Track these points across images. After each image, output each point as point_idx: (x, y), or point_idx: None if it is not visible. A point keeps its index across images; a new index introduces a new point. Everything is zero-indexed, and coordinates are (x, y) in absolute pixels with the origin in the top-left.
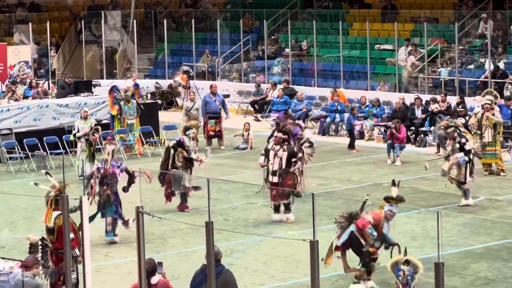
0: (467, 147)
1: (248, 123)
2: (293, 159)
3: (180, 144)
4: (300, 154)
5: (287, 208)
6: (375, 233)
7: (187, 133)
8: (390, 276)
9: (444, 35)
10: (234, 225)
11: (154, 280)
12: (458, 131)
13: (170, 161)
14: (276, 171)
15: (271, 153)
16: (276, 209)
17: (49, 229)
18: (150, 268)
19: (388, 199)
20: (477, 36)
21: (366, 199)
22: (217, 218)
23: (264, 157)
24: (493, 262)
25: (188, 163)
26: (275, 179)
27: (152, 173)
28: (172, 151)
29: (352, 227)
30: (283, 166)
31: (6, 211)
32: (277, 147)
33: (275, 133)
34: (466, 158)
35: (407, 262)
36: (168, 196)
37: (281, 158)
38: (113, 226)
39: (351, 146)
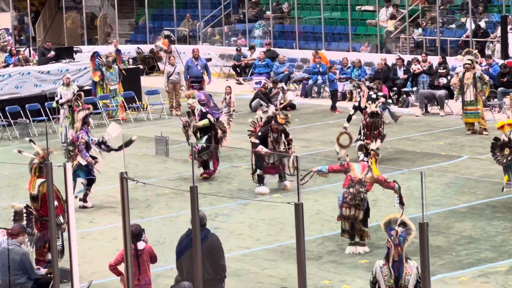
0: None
1: (229, 87)
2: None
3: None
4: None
5: (284, 176)
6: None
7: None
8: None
9: None
10: (218, 189)
11: (141, 245)
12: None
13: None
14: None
15: (269, 140)
16: (260, 181)
17: (33, 197)
18: (136, 232)
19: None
20: None
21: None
22: (201, 182)
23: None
24: (477, 221)
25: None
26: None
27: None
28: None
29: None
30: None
31: None
32: (276, 134)
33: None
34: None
35: (402, 224)
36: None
37: (279, 143)
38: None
39: (334, 108)
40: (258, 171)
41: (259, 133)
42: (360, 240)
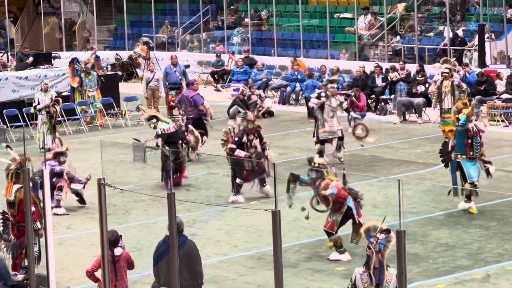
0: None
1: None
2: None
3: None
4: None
5: (264, 181)
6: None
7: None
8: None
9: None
10: (195, 195)
11: (118, 251)
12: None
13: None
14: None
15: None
16: (238, 190)
17: (9, 203)
18: (113, 239)
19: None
20: (436, 4)
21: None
22: (179, 188)
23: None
24: (453, 229)
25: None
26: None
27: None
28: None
29: (349, 200)
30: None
31: None
32: (251, 136)
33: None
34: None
35: (385, 231)
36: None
37: (255, 146)
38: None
39: (311, 114)
40: (238, 180)
41: (236, 138)
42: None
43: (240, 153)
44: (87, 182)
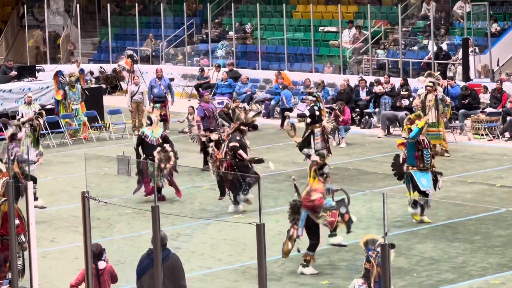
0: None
1: (192, 107)
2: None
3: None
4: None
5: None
6: (333, 203)
7: (153, 120)
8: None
9: (387, 16)
10: (180, 208)
11: (102, 265)
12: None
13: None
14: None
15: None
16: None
17: None
18: (97, 252)
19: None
20: (420, 18)
21: (293, 180)
22: (163, 202)
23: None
24: (438, 243)
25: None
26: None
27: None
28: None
29: (304, 213)
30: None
31: None
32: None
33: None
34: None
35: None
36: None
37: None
38: None
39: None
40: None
41: (236, 141)
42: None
43: (243, 154)
44: (39, 160)
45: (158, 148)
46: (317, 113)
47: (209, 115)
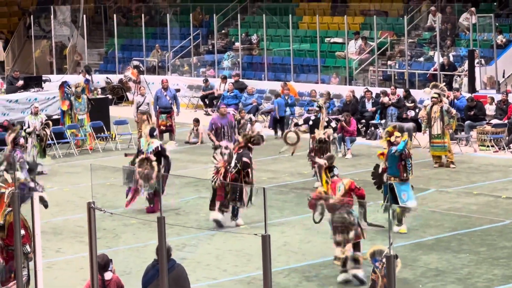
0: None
1: (197, 119)
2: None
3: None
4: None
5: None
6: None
7: (154, 134)
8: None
9: (393, 28)
10: (185, 219)
11: (108, 276)
12: None
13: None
14: None
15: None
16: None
17: None
18: (103, 263)
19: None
20: (426, 29)
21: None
22: (169, 212)
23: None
24: (443, 254)
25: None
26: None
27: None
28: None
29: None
30: None
31: None
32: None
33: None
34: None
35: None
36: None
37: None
38: None
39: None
40: (239, 203)
41: (249, 158)
42: (354, 262)
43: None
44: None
45: (141, 156)
46: (310, 122)
47: (216, 128)
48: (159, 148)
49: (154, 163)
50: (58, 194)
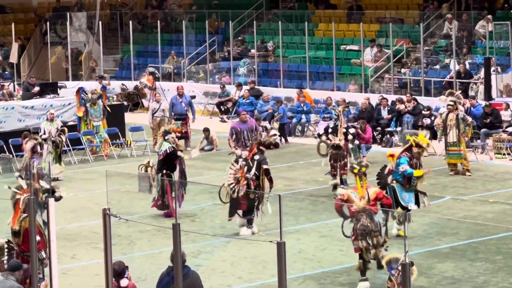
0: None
1: (206, 130)
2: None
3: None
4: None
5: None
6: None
7: (166, 137)
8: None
9: (409, 35)
10: (200, 226)
11: (124, 282)
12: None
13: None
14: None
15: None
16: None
17: (14, 232)
18: (119, 270)
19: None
20: (442, 37)
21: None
22: (184, 219)
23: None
24: (459, 262)
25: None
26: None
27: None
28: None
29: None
30: None
31: None
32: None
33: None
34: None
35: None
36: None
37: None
38: None
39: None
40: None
41: (267, 164)
42: (379, 266)
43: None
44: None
45: (146, 161)
46: (329, 130)
47: (236, 133)
48: (167, 151)
49: (152, 169)
50: (73, 200)
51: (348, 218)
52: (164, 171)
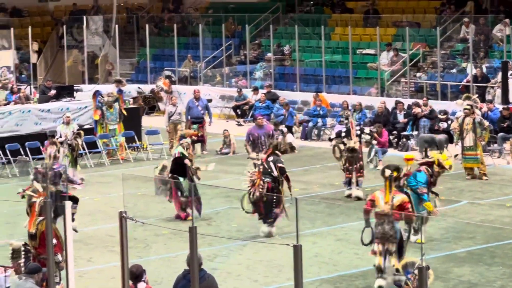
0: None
1: (227, 130)
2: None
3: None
4: None
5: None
6: None
7: (181, 142)
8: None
9: (426, 39)
10: (217, 230)
11: (141, 286)
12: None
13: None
14: None
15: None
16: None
17: (31, 235)
18: (137, 273)
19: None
20: (459, 40)
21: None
22: (200, 223)
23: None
24: (475, 266)
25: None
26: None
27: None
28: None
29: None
30: None
31: None
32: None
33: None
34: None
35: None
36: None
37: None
38: None
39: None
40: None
41: (282, 162)
42: (397, 271)
43: (289, 176)
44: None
45: (160, 164)
46: (342, 134)
47: (253, 140)
48: (176, 155)
49: (165, 172)
50: (90, 203)
51: (369, 227)
52: (171, 174)
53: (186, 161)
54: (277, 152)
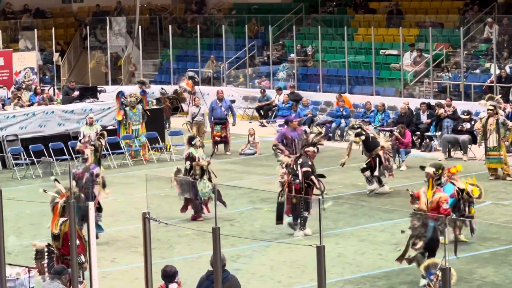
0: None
1: (253, 129)
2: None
3: (190, 159)
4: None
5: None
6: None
7: (193, 142)
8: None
9: (449, 39)
10: (240, 230)
11: (173, 287)
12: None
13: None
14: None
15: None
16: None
17: (54, 236)
18: (171, 273)
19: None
20: (482, 41)
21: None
22: (223, 223)
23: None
24: (499, 267)
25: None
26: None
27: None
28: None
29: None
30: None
31: (12, 218)
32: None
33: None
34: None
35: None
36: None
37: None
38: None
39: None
40: (306, 213)
41: (309, 166)
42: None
43: (315, 180)
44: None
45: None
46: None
47: (287, 143)
48: (185, 154)
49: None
50: (113, 204)
51: None
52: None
53: (187, 163)
54: (308, 152)
